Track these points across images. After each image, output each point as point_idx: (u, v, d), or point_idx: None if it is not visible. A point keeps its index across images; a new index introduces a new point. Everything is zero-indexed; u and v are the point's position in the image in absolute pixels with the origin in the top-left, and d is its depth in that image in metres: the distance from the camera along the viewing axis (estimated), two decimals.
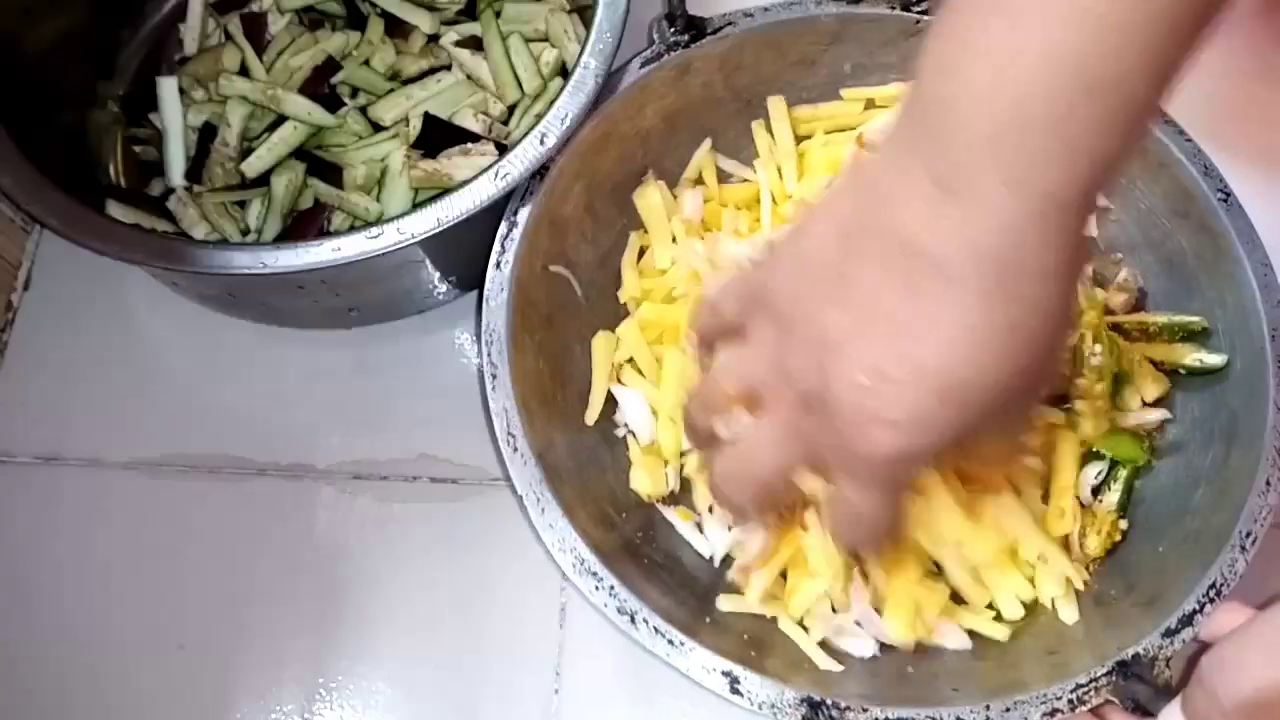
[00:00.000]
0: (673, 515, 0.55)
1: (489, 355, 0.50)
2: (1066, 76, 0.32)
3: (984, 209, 0.34)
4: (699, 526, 0.54)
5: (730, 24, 0.56)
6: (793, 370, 0.39)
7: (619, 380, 0.57)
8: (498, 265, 0.52)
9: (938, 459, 0.45)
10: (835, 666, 0.49)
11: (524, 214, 0.53)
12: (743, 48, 0.57)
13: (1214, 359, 0.54)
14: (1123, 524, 0.53)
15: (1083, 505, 0.53)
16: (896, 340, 0.36)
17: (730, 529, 0.53)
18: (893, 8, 0.56)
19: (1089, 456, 0.54)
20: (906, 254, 0.36)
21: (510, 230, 0.53)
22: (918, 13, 0.56)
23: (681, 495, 0.56)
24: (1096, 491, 0.54)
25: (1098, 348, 0.54)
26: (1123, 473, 0.54)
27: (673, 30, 0.56)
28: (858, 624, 0.50)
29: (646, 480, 0.54)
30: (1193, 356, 0.55)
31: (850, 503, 0.40)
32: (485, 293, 0.51)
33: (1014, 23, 0.33)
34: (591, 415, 0.56)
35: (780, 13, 0.57)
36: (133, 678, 0.55)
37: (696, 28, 0.56)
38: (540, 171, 0.53)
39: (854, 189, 0.39)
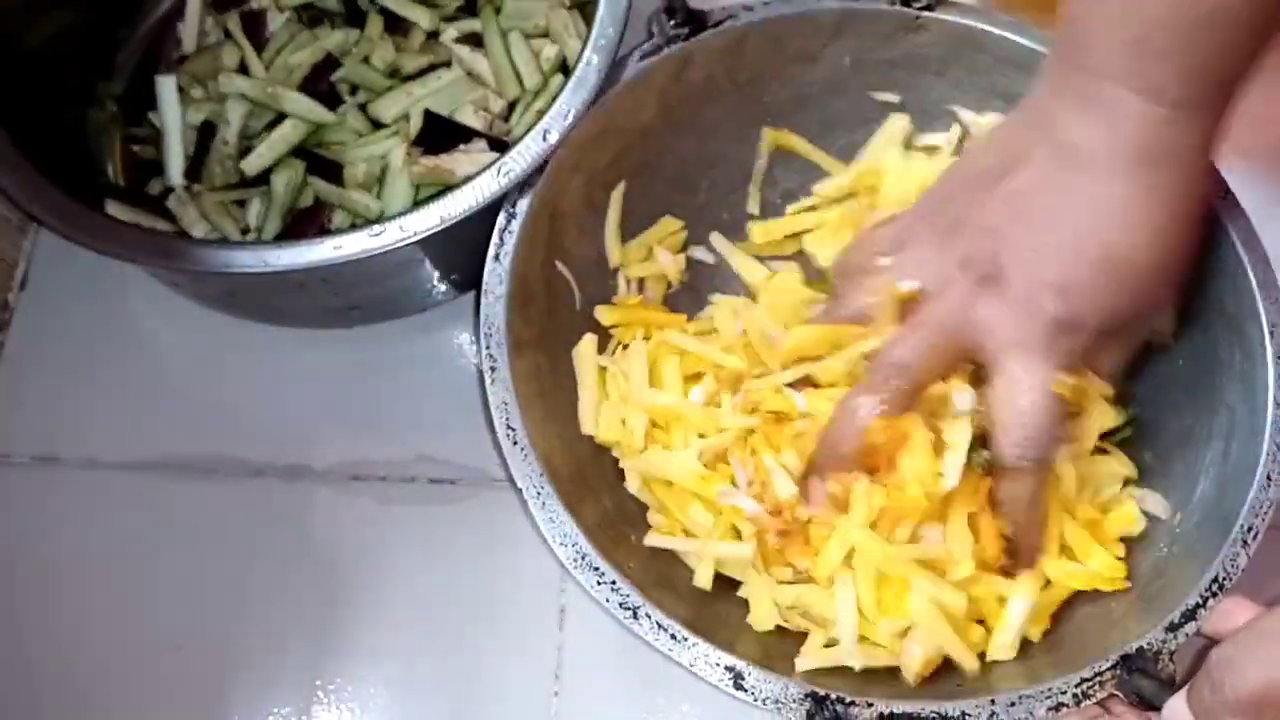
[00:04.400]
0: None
1: (488, 349, 0.49)
2: (1183, 10, 0.41)
3: (1124, 114, 0.43)
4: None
5: (731, 17, 0.56)
6: (969, 256, 0.47)
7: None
8: (496, 257, 0.52)
9: (1091, 349, 0.48)
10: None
11: (522, 205, 0.52)
12: (744, 41, 0.57)
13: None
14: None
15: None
16: (1058, 221, 0.45)
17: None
18: (892, 2, 0.56)
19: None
20: (1059, 155, 0.45)
21: (509, 222, 0.52)
22: (917, 9, 0.56)
23: None
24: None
25: None
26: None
27: (672, 23, 0.55)
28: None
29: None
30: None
31: (1017, 382, 0.46)
32: (484, 285, 0.51)
33: None
34: (584, 424, 0.54)
35: (780, 6, 0.56)
36: (130, 678, 0.55)
37: (697, 20, 0.56)
38: (540, 164, 0.52)
39: (1007, 122, 0.49)
